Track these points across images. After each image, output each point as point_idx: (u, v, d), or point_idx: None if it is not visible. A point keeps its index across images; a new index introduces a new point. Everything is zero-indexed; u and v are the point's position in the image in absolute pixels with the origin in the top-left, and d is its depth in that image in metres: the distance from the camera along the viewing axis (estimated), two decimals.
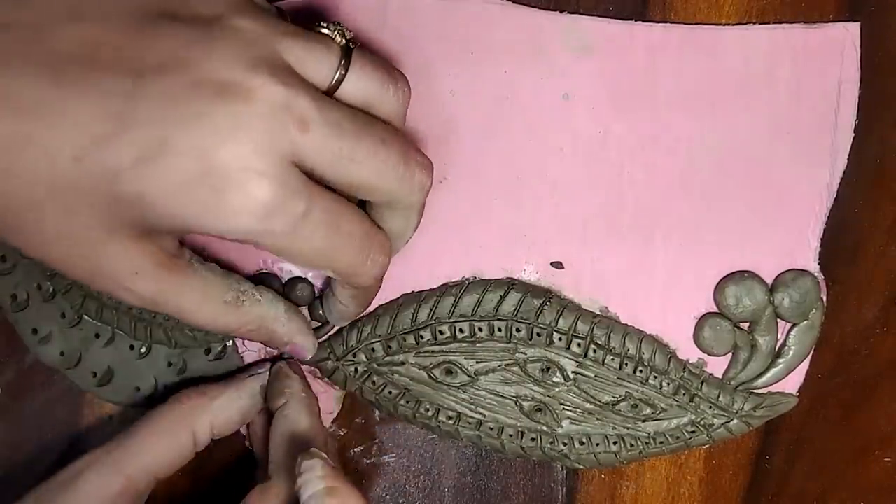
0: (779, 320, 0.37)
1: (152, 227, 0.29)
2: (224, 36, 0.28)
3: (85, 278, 0.30)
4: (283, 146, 0.28)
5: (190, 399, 0.35)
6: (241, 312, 0.33)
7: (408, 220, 0.33)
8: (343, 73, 0.30)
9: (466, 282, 0.37)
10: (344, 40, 0.31)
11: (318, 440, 0.35)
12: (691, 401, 0.37)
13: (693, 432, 0.37)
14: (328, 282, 0.36)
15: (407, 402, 0.37)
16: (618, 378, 0.37)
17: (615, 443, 0.37)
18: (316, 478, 0.30)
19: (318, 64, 0.30)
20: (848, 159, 0.37)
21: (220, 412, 0.35)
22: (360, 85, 0.31)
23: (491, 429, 0.37)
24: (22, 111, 0.27)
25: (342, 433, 0.38)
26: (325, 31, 0.31)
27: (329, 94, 0.30)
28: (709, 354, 0.37)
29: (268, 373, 0.37)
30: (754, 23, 0.37)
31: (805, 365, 0.37)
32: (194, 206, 0.28)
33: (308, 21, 0.31)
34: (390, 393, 0.37)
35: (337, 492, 0.30)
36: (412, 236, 0.34)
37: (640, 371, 0.37)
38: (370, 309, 0.37)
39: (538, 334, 0.37)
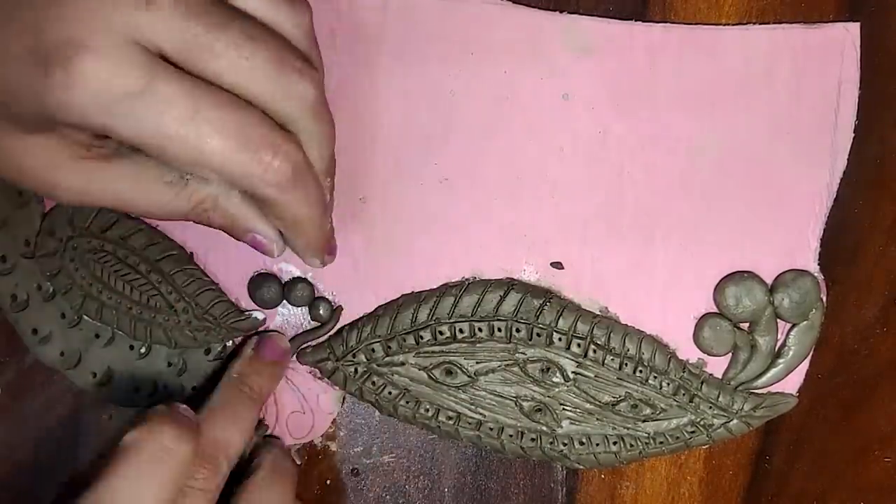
0: (779, 320, 0.37)
1: (25, 118, 0.28)
2: None
3: (13, 179, 0.30)
4: (120, 21, 0.27)
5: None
6: (190, 191, 0.31)
7: (309, 142, 0.30)
8: None
9: (466, 282, 0.37)
10: None
11: None
12: (691, 401, 0.37)
13: (693, 432, 0.37)
14: None
15: (407, 402, 0.37)
16: (618, 378, 0.37)
17: (615, 443, 0.37)
18: None
19: None
20: (848, 159, 0.37)
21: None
22: None
23: (491, 429, 0.37)
24: None
25: (342, 433, 0.38)
26: None
27: None
28: (709, 354, 0.37)
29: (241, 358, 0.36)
30: (754, 23, 0.37)
31: (805, 365, 0.37)
32: (27, 82, 0.27)
33: None
34: (390, 393, 0.37)
35: None
36: (331, 168, 0.32)
37: (640, 371, 0.37)
38: (370, 309, 0.37)
39: (538, 334, 0.37)
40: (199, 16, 0.27)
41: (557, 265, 0.37)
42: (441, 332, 0.37)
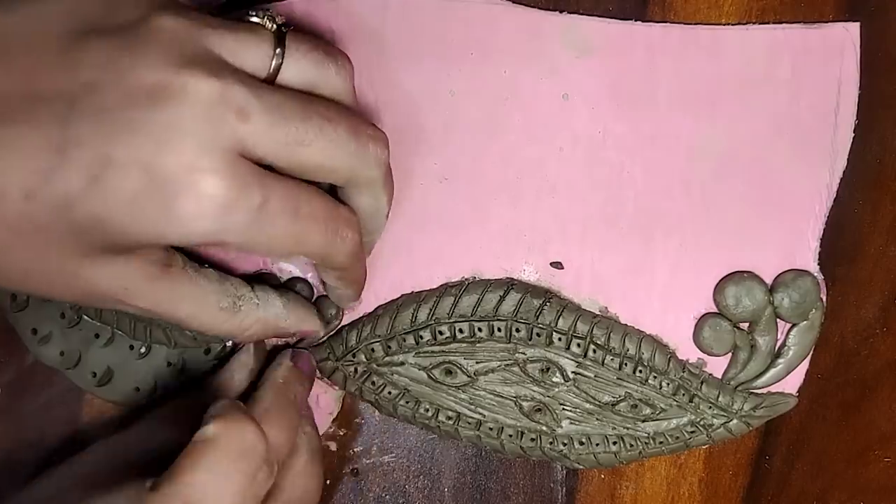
0: (778, 320, 0.37)
1: (122, 245, 0.28)
2: (149, 38, 0.28)
3: (77, 300, 0.30)
4: (226, 139, 0.27)
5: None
6: (240, 317, 0.33)
7: (375, 197, 0.33)
8: (279, 60, 0.30)
9: (466, 282, 0.37)
10: (275, 26, 0.30)
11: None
12: (691, 401, 0.37)
13: (693, 432, 0.37)
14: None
15: (407, 402, 0.37)
16: (617, 378, 0.37)
17: (615, 443, 0.37)
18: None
19: (251, 53, 0.29)
20: (848, 159, 0.37)
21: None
22: (299, 68, 0.30)
23: (491, 429, 0.37)
24: None
25: (342, 433, 0.38)
26: (254, 18, 0.30)
27: (270, 81, 0.30)
28: (708, 354, 0.37)
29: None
30: (754, 23, 0.37)
31: (805, 365, 0.37)
32: (149, 218, 0.27)
33: (242, 9, 0.31)
34: (390, 393, 0.37)
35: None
36: (389, 214, 0.34)
37: (640, 371, 0.37)
38: (370, 309, 0.37)
39: (538, 334, 0.37)
40: (286, 114, 0.29)
41: (557, 265, 0.37)
42: (441, 332, 0.37)
